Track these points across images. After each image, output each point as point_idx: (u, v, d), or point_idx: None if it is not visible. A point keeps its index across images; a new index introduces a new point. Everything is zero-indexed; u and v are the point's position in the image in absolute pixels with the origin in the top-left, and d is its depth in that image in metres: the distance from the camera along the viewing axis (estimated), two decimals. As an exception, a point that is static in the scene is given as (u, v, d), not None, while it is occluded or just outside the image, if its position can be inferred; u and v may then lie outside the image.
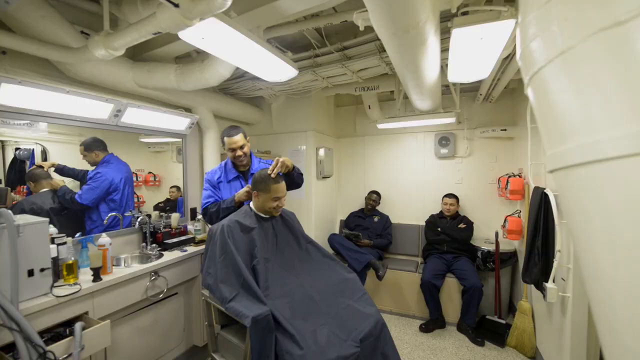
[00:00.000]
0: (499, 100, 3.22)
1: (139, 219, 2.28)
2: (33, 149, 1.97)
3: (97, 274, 1.68)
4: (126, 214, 2.36)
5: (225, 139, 1.92)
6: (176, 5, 1.18)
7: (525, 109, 2.46)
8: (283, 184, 1.61)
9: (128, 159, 2.45)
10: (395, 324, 2.97)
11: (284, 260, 1.58)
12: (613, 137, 0.43)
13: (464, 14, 1.33)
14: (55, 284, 1.59)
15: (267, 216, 1.67)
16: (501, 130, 3.18)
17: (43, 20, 1.61)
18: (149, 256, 2.18)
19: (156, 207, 2.74)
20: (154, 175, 2.72)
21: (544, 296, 1.86)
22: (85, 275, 1.73)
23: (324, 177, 3.59)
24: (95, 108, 1.99)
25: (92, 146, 2.20)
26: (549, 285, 1.82)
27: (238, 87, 3.00)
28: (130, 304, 1.87)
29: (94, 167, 2.23)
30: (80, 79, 1.96)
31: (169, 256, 2.16)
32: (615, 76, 0.46)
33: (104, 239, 1.83)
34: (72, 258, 1.70)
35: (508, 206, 3.15)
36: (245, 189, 1.81)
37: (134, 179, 2.53)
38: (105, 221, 2.18)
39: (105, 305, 1.70)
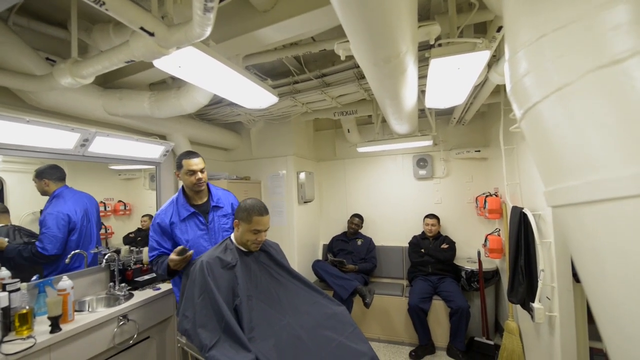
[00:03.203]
0: (472, 123, 3.37)
1: (106, 256, 2.09)
2: (-14, 178, 1.80)
3: (55, 324, 1.50)
4: (92, 251, 2.16)
5: (184, 161, 1.75)
6: (151, 34, 1.13)
7: (496, 131, 2.57)
8: (267, 218, 1.50)
9: (95, 188, 2.28)
10: (384, 352, 2.86)
11: (269, 296, 1.48)
12: (628, 176, 0.42)
13: (440, 45, 1.38)
14: (5, 339, 1.39)
15: (247, 250, 1.56)
16: (475, 151, 3.31)
17: (2, 46, 1.50)
18: (117, 297, 1.98)
19: (126, 238, 2.55)
20: (125, 204, 2.54)
21: (532, 317, 1.85)
22: (42, 325, 1.53)
23: (305, 202, 3.53)
24: (59, 138, 1.84)
25: (44, 174, 2.00)
26: (536, 305, 1.82)
27: (216, 113, 2.94)
28: (95, 355, 1.66)
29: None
30: (44, 107, 1.83)
31: (140, 296, 1.98)
32: (616, 113, 0.45)
33: (65, 282, 1.65)
34: (27, 307, 1.50)
35: (487, 225, 3.21)
36: (174, 256, 1.56)
37: (102, 208, 2.35)
38: (67, 260, 1.97)
39: (64, 359, 1.50)
